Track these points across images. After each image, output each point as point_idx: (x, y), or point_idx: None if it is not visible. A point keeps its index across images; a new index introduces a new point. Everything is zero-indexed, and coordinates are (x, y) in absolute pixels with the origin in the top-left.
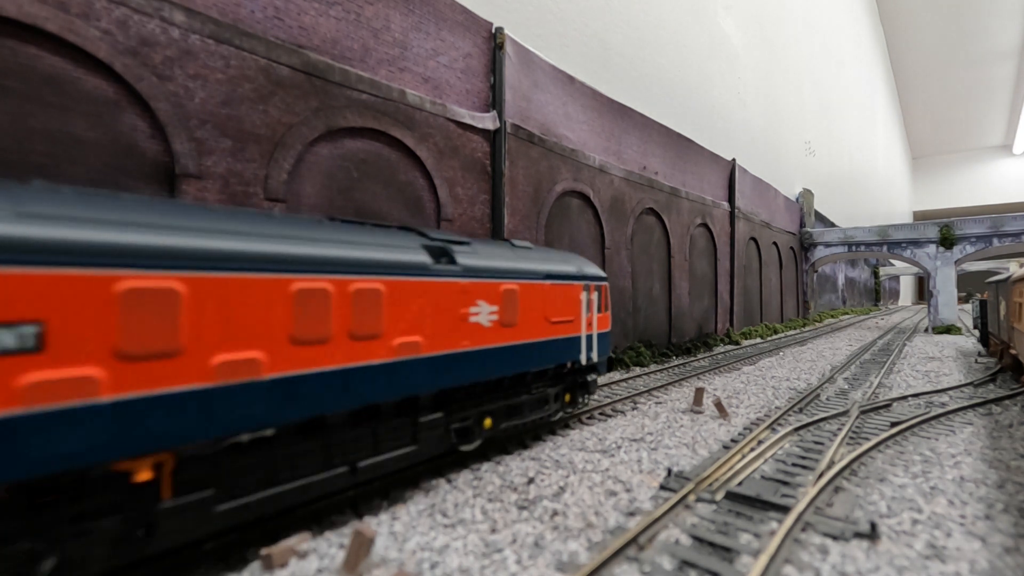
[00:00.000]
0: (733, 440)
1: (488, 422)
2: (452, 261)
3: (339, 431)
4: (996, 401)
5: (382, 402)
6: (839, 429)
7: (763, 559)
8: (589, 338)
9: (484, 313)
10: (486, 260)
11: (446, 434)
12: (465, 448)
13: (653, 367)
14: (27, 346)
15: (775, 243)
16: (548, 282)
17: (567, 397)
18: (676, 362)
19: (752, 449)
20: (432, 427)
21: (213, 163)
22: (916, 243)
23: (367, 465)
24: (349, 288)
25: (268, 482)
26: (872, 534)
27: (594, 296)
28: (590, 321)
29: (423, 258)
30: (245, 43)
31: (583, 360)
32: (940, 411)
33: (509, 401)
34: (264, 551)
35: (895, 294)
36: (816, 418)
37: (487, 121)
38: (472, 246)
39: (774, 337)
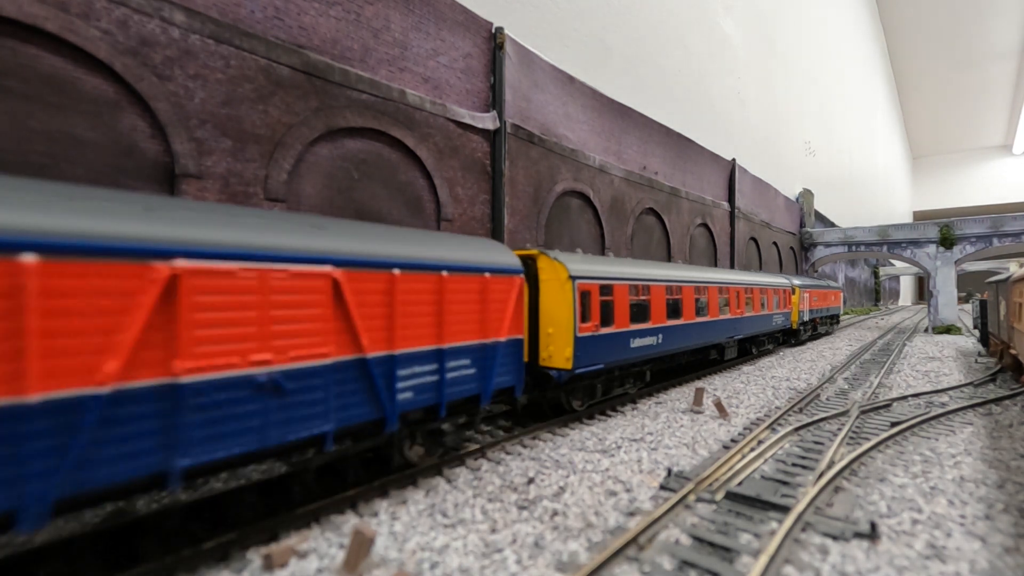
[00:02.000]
0: (733, 440)
1: (822, 329)
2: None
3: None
4: (996, 401)
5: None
6: (839, 429)
7: (763, 559)
8: (838, 307)
9: (811, 300)
10: (802, 280)
11: (818, 328)
12: (806, 337)
13: None
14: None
15: (775, 243)
16: (829, 289)
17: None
18: None
19: (752, 449)
20: (819, 325)
21: (213, 163)
22: (916, 243)
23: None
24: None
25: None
26: (872, 534)
27: (842, 296)
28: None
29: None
30: (245, 43)
31: (839, 314)
32: (940, 411)
33: (824, 323)
34: (264, 551)
35: (895, 294)
36: (816, 418)
37: (487, 121)
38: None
39: None
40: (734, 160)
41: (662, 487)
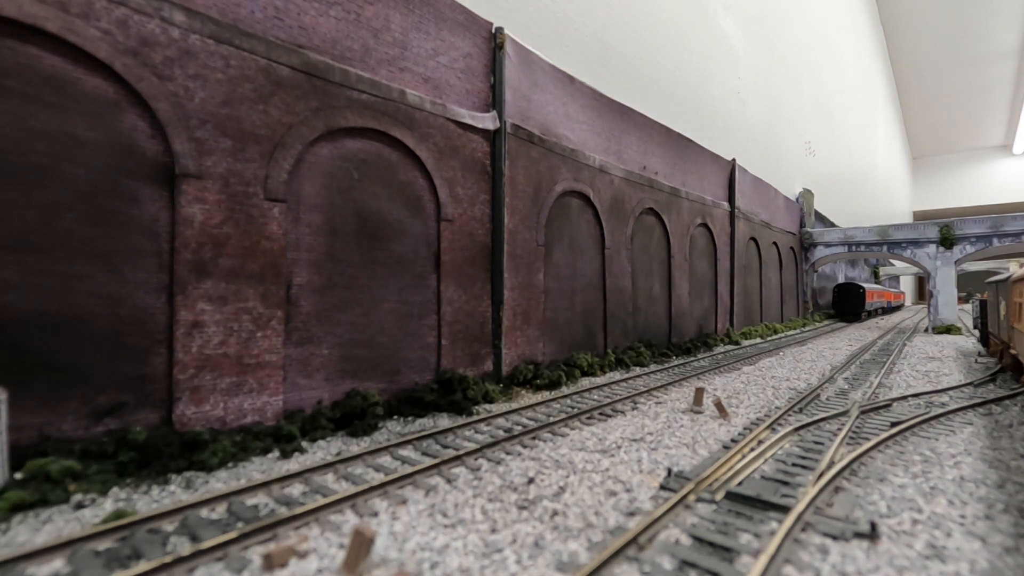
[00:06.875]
0: (733, 440)
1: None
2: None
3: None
4: (996, 401)
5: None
6: (839, 429)
7: (763, 559)
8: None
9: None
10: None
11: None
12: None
13: (653, 367)
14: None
15: (775, 243)
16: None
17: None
18: (676, 362)
19: (752, 449)
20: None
21: (213, 163)
22: (916, 243)
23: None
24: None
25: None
26: (872, 534)
27: (902, 296)
28: (899, 300)
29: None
30: (245, 43)
31: (901, 303)
32: (940, 411)
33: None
34: (264, 551)
35: None
36: (816, 418)
37: (487, 121)
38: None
39: (774, 337)
40: (734, 160)
41: (662, 487)
